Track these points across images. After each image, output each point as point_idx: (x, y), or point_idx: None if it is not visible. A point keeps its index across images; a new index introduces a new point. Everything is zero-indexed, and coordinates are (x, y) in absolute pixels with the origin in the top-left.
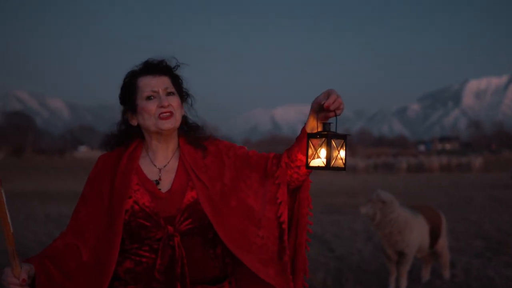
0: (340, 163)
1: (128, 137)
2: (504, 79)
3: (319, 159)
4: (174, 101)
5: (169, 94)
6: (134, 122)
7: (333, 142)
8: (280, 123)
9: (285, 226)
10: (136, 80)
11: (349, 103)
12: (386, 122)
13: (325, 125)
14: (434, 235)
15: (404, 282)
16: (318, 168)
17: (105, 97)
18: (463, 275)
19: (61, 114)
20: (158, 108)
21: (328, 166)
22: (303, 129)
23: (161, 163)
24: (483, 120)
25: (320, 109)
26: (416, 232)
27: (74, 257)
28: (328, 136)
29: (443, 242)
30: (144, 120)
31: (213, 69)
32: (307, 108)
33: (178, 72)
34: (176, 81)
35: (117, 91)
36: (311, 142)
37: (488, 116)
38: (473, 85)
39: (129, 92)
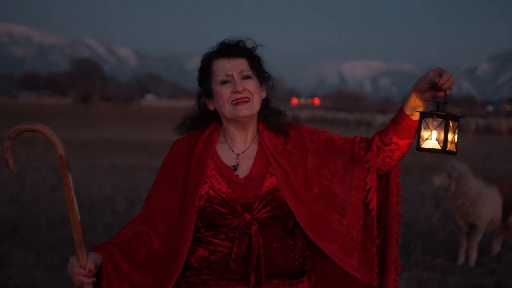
0: (452, 147)
1: (205, 121)
2: None
3: (432, 141)
4: (251, 85)
5: (245, 77)
6: (211, 107)
7: (451, 124)
8: (348, 78)
9: (374, 213)
10: (211, 63)
11: (418, 59)
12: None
13: (440, 105)
14: (507, 208)
15: (474, 254)
16: (431, 150)
17: (173, 48)
18: None
19: (129, 62)
20: (233, 94)
21: (444, 149)
22: (401, 110)
23: (239, 149)
24: None
25: (429, 88)
26: (488, 204)
27: (144, 245)
28: (446, 117)
29: None
30: (219, 106)
31: (278, 20)
32: (375, 64)
33: (257, 52)
34: (254, 62)
35: (185, 44)
36: (425, 122)
37: None
38: None
39: (205, 76)
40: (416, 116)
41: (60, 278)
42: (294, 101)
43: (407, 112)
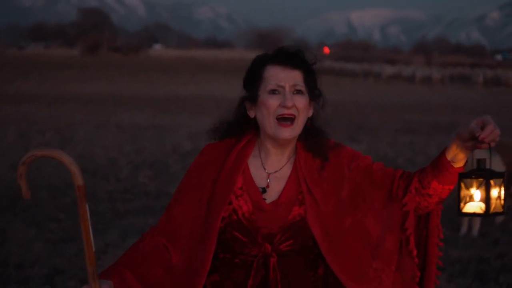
0: (499, 206)
1: (242, 128)
2: None
3: (474, 203)
4: (301, 102)
5: (297, 92)
6: (251, 114)
7: (492, 183)
8: (357, 27)
9: (417, 260)
10: (263, 68)
11: (427, 6)
12: (464, 29)
13: (481, 163)
14: (510, 177)
15: (476, 224)
16: (474, 214)
17: None
18: None
19: (137, 11)
20: (280, 108)
21: (487, 213)
22: (442, 154)
23: (272, 168)
24: None
25: (470, 138)
26: None
27: (161, 261)
28: (486, 177)
29: None
30: (262, 117)
31: None
32: (384, 12)
33: (314, 67)
34: (309, 77)
35: None
36: (464, 184)
37: None
38: None
39: (253, 80)
40: (458, 164)
41: (60, 252)
42: (326, 50)
43: (449, 158)
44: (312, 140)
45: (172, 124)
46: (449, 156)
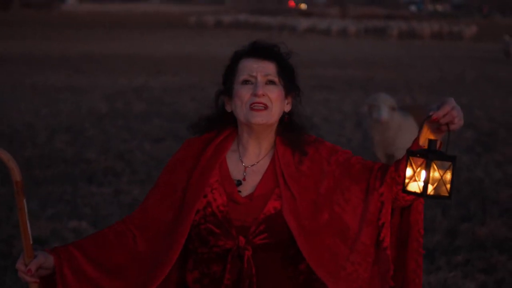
0: (443, 190)
1: (221, 123)
2: None
3: (416, 183)
4: (274, 92)
5: (269, 82)
6: (228, 108)
7: (434, 165)
8: None
9: (389, 252)
10: (238, 61)
11: None
12: None
13: (431, 142)
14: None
15: None
16: (414, 194)
17: None
18: None
19: None
20: (251, 97)
21: (424, 193)
22: (416, 140)
23: (249, 161)
24: None
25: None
26: (407, 136)
27: (124, 247)
28: (428, 157)
29: None
30: (235, 108)
31: None
32: None
33: (290, 61)
34: (284, 70)
35: None
36: (412, 161)
37: None
38: None
39: (229, 74)
40: None
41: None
42: (292, 3)
43: (421, 142)
44: (291, 135)
45: (87, 85)
46: (421, 140)
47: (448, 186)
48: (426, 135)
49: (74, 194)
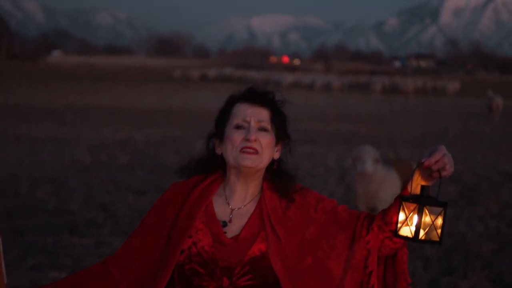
0: (434, 235)
1: (210, 167)
2: None
3: (408, 228)
4: (265, 138)
5: (262, 129)
6: (218, 151)
7: (426, 210)
8: (257, 33)
9: None
10: (233, 105)
11: (327, 13)
12: (363, 36)
13: (423, 188)
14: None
15: None
16: (406, 238)
17: (81, 1)
18: None
19: (36, 17)
20: (243, 141)
21: (415, 237)
22: (405, 188)
23: (236, 204)
24: (460, 38)
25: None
26: (389, 188)
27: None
28: (421, 202)
29: None
30: (226, 151)
31: None
32: (284, 19)
33: (283, 109)
34: (277, 118)
35: None
36: (404, 206)
37: (465, 34)
38: (452, 2)
39: (223, 118)
40: None
41: None
42: (285, 59)
43: (411, 189)
44: (279, 181)
45: (71, 136)
46: (412, 186)
47: (439, 231)
48: (417, 182)
49: (55, 245)
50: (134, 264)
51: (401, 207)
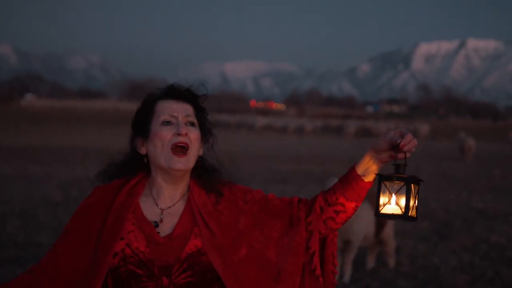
0: (413, 212)
1: (132, 168)
2: (454, 44)
3: (392, 206)
4: (193, 133)
5: (189, 123)
6: (143, 151)
7: (412, 187)
8: (230, 79)
9: (321, 279)
10: (155, 103)
11: (299, 59)
12: (336, 81)
13: (400, 167)
14: (380, 224)
15: (348, 270)
16: (391, 216)
17: (53, 45)
18: (409, 263)
19: (9, 60)
20: (174, 136)
21: (406, 215)
22: (352, 169)
23: (165, 204)
24: (431, 84)
25: (388, 149)
26: (363, 221)
27: None
28: (407, 180)
29: (389, 231)
30: (155, 149)
31: (159, 18)
32: (257, 65)
33: (205, 104)
34: (201, 113)
35: (66, 40)
36: (385, 185)
37: (437, 80)
38: (424, 48)
39: (144, 117)
40: (368, 178)
41: None
42: (253, 103)
43: (359, 172)
44: (205, 177)
45: (42, 174)
46: (360, 170)
47: (416, 208)
48: (367, 166)
49: None
50: (62, 272)
51: (382, 186)
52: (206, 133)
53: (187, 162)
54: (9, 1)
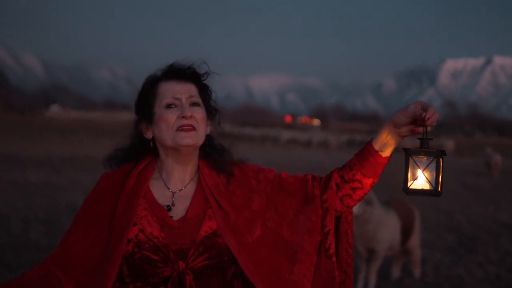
0: (440, 188)
1: (139, 153)
2: (481, 60)
3: (421, 182)
4: (199, 113)
5: (194, 104)
6: (148, 135)
7: (441, 161)
8: (255, 92)
9: (335, 259)
10: (156, 85)
11: (323, 74)
12: (361, 97)
13: (425, 142)
14: (406, 233)
15: (373, 280)
16: (421, 192)
17: (80, 56)
18: (434, 273)
19: (35, 71)
20: (178, 119)
21: (435, 191)
22: (369, 144)
23: (175, 187)
24: (457, 100)
25: (409, 122)
26: (388, 230)
27: None
28: (437, 154)
29: (415, 240)
30: (160, 132)
31: (185, 31)
32: (282, 79)
33: (208, 82)
34: (204, 91)
35: (92, 51)
36: (414, 161)
37: (463, 97)
38: (450, 65)
39: (146, 100)
40: (386, 153)
41: None
42: (288, 118)
43: (377, 148)
44: (214, 157)
45: (67, 183)
46: (377, 145)
47: (441, 183)
48: (385, 140)
49: None
50: (75, 261)
51: (411, 162)
52: (211, 111)
53: (196, 137)
54: (36, 13)
